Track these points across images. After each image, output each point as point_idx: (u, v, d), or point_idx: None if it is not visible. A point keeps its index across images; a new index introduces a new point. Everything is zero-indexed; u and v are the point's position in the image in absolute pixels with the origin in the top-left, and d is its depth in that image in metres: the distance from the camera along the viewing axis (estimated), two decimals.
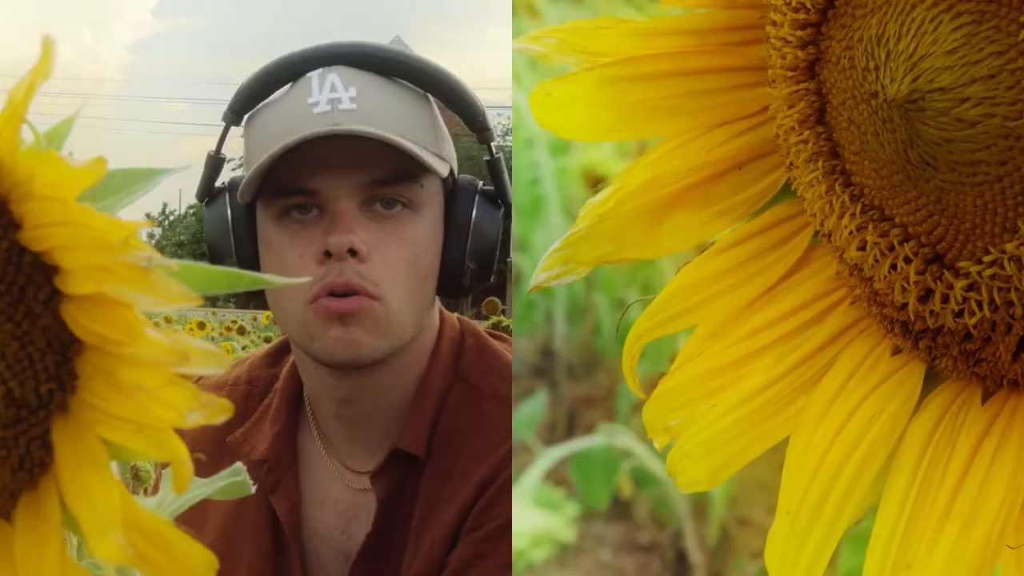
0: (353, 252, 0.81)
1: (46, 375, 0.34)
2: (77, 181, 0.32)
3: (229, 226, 0.86)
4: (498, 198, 0.90)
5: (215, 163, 0.90)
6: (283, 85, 0.86)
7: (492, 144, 0.91)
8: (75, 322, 0.34)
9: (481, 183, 0.90)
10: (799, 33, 0.44)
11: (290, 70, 0.85)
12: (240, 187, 0.85)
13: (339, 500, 0.91)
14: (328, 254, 0.82)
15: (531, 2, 2.77)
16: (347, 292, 0.81)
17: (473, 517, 0.84)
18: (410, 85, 0.87)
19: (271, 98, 0.87)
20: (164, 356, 0.32)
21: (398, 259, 0.83)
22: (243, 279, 0.37)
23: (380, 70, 0.86)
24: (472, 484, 0.85)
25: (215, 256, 0.87)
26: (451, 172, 0.88)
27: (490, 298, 4.68)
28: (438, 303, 0.92)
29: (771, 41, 0.45)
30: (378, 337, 0.83)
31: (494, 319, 4.26)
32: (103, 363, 0.34)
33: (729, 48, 0.49)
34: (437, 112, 0.89)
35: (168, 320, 4.64)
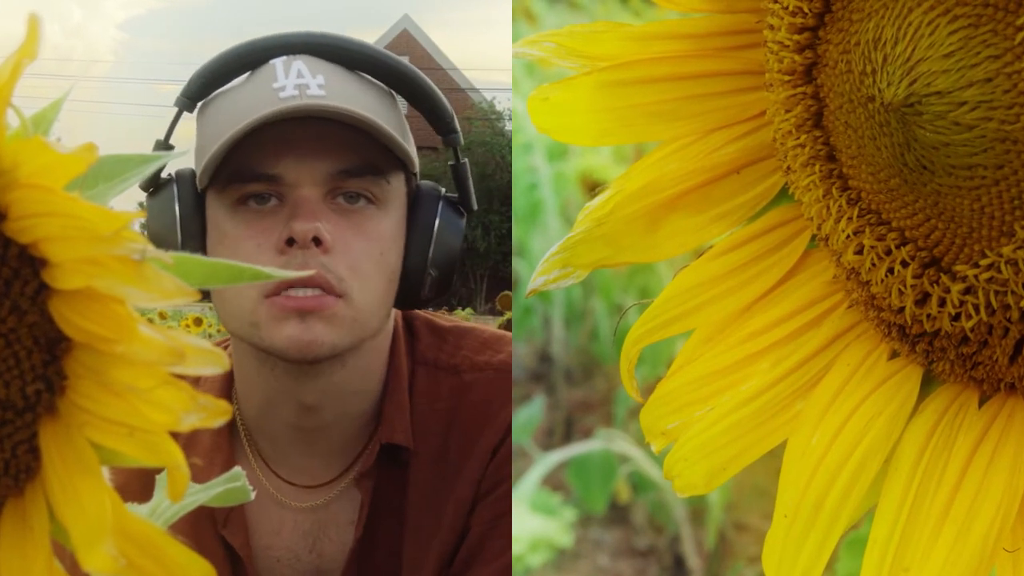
0: (317, 241, 0.77)
1: (33, 375, 0.33)
2: (65, 169, 0.30)
3: (176, 218, 0.82)
4: (461, 205, 0.87)
5: (163, 150, 0.84)
6: (242, 73, 0.82)
7: (458, 148, 0.88)
8: (64, 319, 0.32)
9: (443, 190, 0.87)
10: (796, 37, 0.44)
11: (250, 57, 0.82)
12: (199, 171, 0.81)
13: (299, 520, 0.88)
14: (291, 242, 0.77)
15: (529, 7, 2.77)
16: (308, 285, 0.77)
17: (487, 482, 0.84)
18: (376, 81, 0.84)
19: (228, 86, 0.83)
20: (158, 355, 0.30)
21: (362, 254, 0.80)
22: (244, 272, 0.35)
23: (345, 63, 0.82)
24: (484, 452, 0.84)
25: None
26: (415, 175, 0.85)
27: (505, 292, 4.52)
28: None
29: (768, 45, 0.45)
30: (340, 333, 0.79)
31: (508, 315, 4.11)
32: (93, 362, 0.32)
33: (727, 52, 0.49)
34: (402, 111, 0.86)
35: (163, 316, 4.57)
